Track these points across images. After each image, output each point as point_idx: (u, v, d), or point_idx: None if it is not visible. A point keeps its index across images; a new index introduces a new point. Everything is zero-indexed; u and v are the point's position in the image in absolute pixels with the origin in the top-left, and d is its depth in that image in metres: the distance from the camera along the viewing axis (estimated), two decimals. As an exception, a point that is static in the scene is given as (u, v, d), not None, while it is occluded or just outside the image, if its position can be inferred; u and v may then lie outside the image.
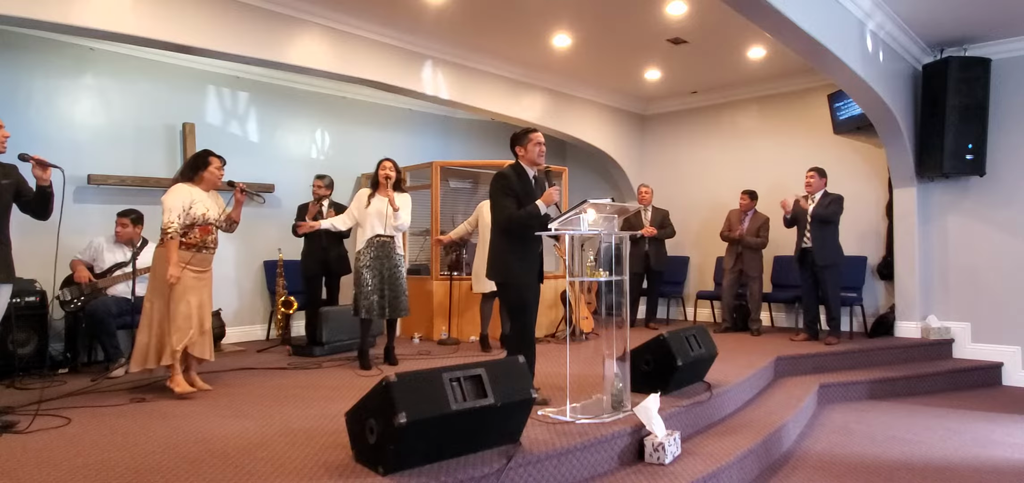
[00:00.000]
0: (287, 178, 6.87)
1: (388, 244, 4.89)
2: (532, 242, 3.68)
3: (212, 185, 4.23)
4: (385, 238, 4.88)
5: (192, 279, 4.05)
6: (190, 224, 4.04)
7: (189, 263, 4.02)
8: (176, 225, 3.96)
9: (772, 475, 3.63)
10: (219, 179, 4.26)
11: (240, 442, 3.04)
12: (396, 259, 4.92)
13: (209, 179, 4.19)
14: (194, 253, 4.06)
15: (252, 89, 6.78)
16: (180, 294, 3.98)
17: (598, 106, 8.27)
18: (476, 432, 2.77)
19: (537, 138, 3.79)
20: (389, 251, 4.89)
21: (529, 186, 3.76)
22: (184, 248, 4.02)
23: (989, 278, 6.22)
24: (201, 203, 4.10)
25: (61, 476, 2.61)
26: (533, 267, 3.73)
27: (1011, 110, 6.13)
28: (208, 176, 4.18)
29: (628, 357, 3.66)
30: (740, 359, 5.15)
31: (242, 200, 4.34)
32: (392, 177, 4.90)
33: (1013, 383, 5.96)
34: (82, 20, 4.27)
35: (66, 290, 4.96)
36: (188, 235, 4.04)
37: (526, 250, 3.68)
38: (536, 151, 3.77)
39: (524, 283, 3.68)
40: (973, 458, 3.91)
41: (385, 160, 4.99)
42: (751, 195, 6.97)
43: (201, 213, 4.08)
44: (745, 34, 6.10)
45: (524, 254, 3.68)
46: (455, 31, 6.07)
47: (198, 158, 4.22)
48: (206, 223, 4.12)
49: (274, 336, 6.49)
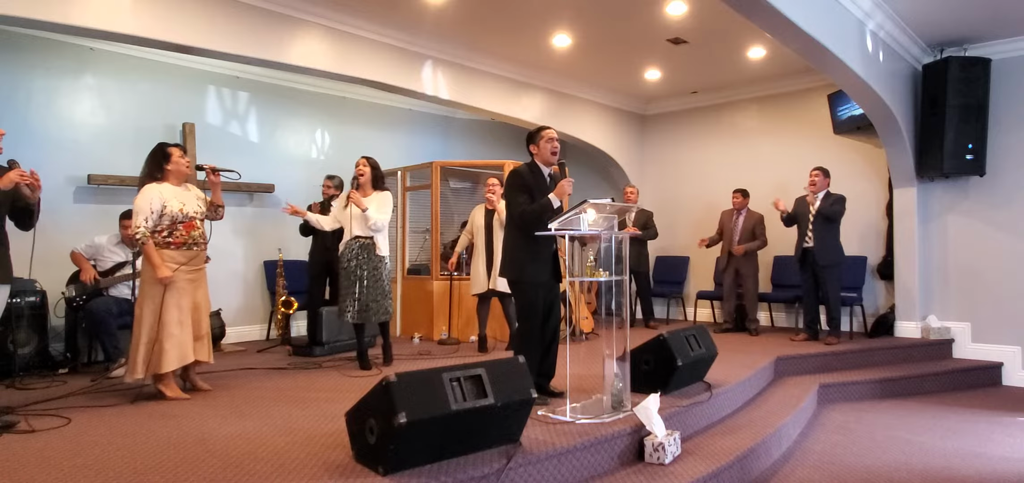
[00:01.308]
0: (287, 178, 6.88)
1: (367, 245, 4.77)
2: (544, 242, 3.67)
3: (181, 177, 4.04)
4: (364, 240, 4.77)
5: (185, 282, 3.93)
6: (171, 223, 3.90)
7: (181, 264, 3.91)
8: (144, 228, 3.80)
9: (772, 475, 3.63)
10: (185, 168, 4.05)
11: (240, 442, 3.04)
12: (375, 261, 4.78)
13: (175, 171, 3.98)
14: (185, 252, 3.93)
15: (252, 89, 6.79)
16: (170, 299, 3.85)
17: (598, 106, 8.27)
18: (476, 432, 2.77)
19: (549, 134, 3.80)
20: (369, 253, 4.77)
21: (544, 183, 3.77)
22: (173, 249, 3.89)
23: (989, 278, 6.22)
24: (174, 200, 3.91)
25: (61, 476, 2.62)
26: (545, 267, 3.72)
27: (1011, 110, 6.13)
28: (173, 169, 3.97)
29: (628, 357, 3.66)
30: (740, 359, 5.15)
31: (217, 181, 4.18)
32: (365, 174, 4.81)
33: (1013, 383, 5.96)
34: (82, 20, 4.27)
35: (71, 287, 4.96)
36: (173, 235, 3.90)
37: (538, 249, 3.68)
38: (548, 148, 3.77)
39: (536, 283, 3.68)
40: (973, 458, 3.90)
41: (359, 159, 4.90)
42: (743, 194, 6.97)
43: (177, 209, 3.90)
44: (745, 34, 6.10)
45: (536, 254, 3.68)
46: (455, 31, 6.07)
47: (157, 155, 3.98)
48: (188, 218, 3.97)
49: (274, 336, 6.49)
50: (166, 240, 3.89)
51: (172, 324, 3.87)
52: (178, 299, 3.90)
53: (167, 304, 3.85)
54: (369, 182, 4.84)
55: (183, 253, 3.94)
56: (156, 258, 3.81)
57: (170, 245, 3.89)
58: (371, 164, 4.89)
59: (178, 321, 3.90)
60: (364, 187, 4.83)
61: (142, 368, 3.83)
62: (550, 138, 3.77)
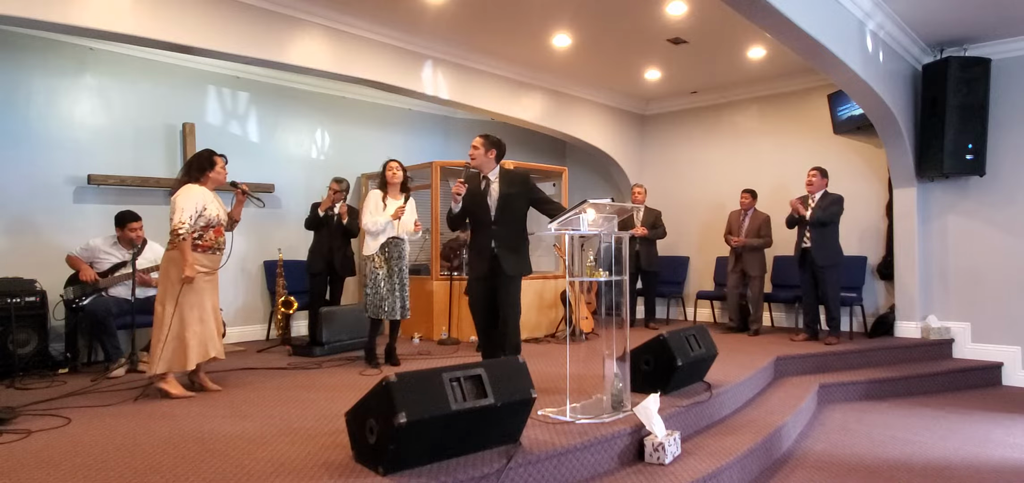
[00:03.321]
0: (287, 178, 6.88)
1: (401, 245, 4.97)
2: (476, 244, 4.20)
3: (217, 185, 4.21)
4: (398, 239, 4.94)
5: (204, 281, 4.05)
6: (206, 226, 4.03)
7: (203, 266, 4.02)
8: (187, 226, 3.91)
9: (772, 475, 3.63)
10: (224, 178, 4.25)
11: (240, 442, 3.04)
12: (405, 260, 5.01)
13: (215, 179, 4.17)
14: (209, 255, 4.07)
15: (252, 89, 6.79)
16: (192, 297, 3.95)
17: (598, 106, 8.27)
18: (476, 432, 2.77)
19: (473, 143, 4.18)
20: (401, 252, 4.97)
21: (477, 186, 4.16)
22: (200, 251, 4.00)
23: (989, 278, 6.22)
24: (213, 204, 4.09)
25: (61, 476, 2.62)
26: (475, 266, 4.19)
27: (1011, 110, 6.13)
28: (214, 176, 4.16)
29: (628, 357, 3.66)
30: (740, 359, 5.15)
31: (243, 200, 4.35)
32: (399, 177, 4.99)
33: (1013, 383, 5.96)
34: (82, 20, 4.27)
35: (70, 288, 4.96)
36: (204, 237, 4.02)
37: (471, 250, 4.28)
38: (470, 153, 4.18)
39: (468, 278, 4.27)
40: (973, 458, 3.91)
41: (391, 161, 5.06)
42: (751, 194, 6.97)
43: (215, 214, 4.08)
44: (745, 34, 6.10)
45: (471, 253, 4.28)
46: (455, 31, 6.07)
47: (203, 159, 4.17)
48: (219, 224, 4.12)
49: (274, 336, 6.49)
50: (196, 241, 3.99)
51: (194, 321, 3.98)
52: (199, 297, 4.01)
53: (190, 302, 3.96)
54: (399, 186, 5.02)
55: (208, 256, 4.07)
56: (190, 256, 3.92)
57: (198, 247, 4.01)
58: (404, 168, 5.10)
59: (199, 319, 4.01)
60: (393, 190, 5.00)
61: (165, 364, 3.92)
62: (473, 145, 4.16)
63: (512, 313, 4.04)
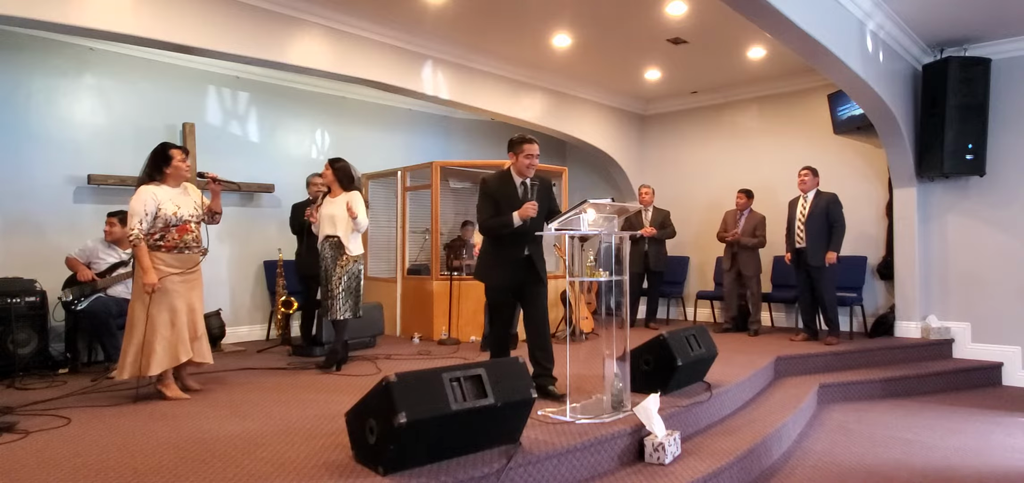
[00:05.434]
0: (287, 178, 6.87)
1: (337, 244, 4.85)
2: (509, 248, 3.84)
3: (180, 179, 4.02)
4: (334, 239, 4.85)
5: (177, 283, 3.91)
6: (165, 226, 3.88)
7: (172, 266, 3.90)
8: (137, 231, 3.78)
9: (772, 475, 3.63)
10: (185, 171, 4.05)
11: (240, 442, 3.04)
12: (341, 257, 4.85)
13: (174, 174, 3.97)
14: (176, 255, 3.92)
15: (252, 89, 6.79)
16: (161, 300, 3.83)
17: (598, 106, 8.26)
18: (476, 432, 2.77)
19: (530, 150, 3.85)
20: (337, 251, 4.84)
21: (514, 192, 3.86)
22: (164, 251, 3.88)
23: (989, 278, 6.22)
24: (169, 202, 3.90)
25: (61, 476, 2.62)
26: (508, 272, 3.87)
27: (1011, 110, 6.13)
28: (172, 171, 3.96)
29: (628, 357, 3.66)
30: (740, 359, 5.15)
31: (218, 190, 4.17)
32: (326, 176, 4.92)
33: (1013, 383, 5.96)
34: (82, 20, 4.27)
35: (68, 290, 4.96)
36: (166, 238, 3.88)
37: (503, 255, 3.87)
38: (525, 162, 3.85)
39: (496, 287, 3.93)
40: (973, 458, 3.91)
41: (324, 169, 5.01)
42: (747, 194, 6.97)
43: (172, 212, 3.88)
44: (745, 34, 6.10)
45: (502, 260, 3.88)
46: (455, 31, 6.07)
47: (158, 155, 3.97)
48: (183, 222, 3.97)
49: (274, 336, 6.49)
50: (157, 242, 3.88)
51: (162, 326, 3.86)
52: (170, 301, 3.89)
53: (157, 306, 3.84)
54: (336, 183, 4.91)
55: (175, 256, 3.93)
56: (146, 262, 3.79)
57: (161, 247, 3.88)
58: (334, 167, 4.93)
59: (169, 323, 3.89)
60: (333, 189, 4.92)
61: (131, 369, 3.83)
62: (530, 154, 3.85)
63: (546, 320, 3.99)
